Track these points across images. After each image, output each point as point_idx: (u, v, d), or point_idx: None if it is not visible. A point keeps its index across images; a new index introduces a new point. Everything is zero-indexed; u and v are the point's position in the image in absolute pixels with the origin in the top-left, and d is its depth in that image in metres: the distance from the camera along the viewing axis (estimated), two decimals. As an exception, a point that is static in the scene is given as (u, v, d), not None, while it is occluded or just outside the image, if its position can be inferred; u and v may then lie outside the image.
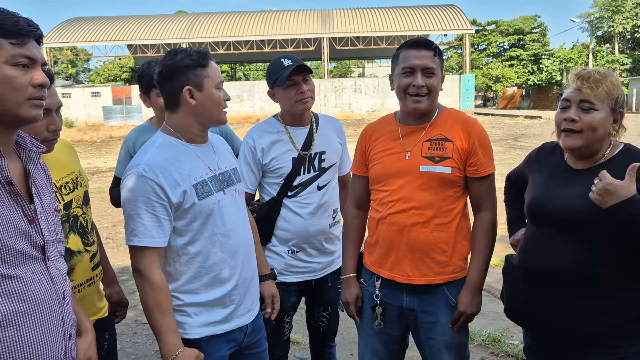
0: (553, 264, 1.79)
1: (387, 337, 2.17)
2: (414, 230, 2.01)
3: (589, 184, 1.72)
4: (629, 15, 39.65)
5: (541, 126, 24.25)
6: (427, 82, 1.98)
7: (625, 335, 1.73)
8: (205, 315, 1.81)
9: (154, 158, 1.74)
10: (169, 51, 1.80)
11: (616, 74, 1.79)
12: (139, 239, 1.69)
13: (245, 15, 36.82)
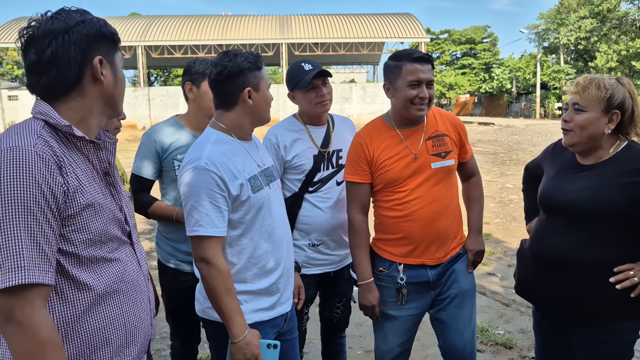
0: (557, 249, 2.00)
1: (412, 316, 2.39)
2: (438, 221, 2.28)
3: (593, 179, 1.94)
4: (573, 28, 41.69)
5: (495, 132, 25.16)
6: (429, 93, 2.22)
7: (618, 313, 1.94)
8: (255, 303, 1.91)
9: (213, 152, 1.83)
10: (226, 52, 1.90)
11: (612, 80, 1.99)
12: (205, 229, 1.78)
13: (202, 19, 36.44)
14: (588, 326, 2.00)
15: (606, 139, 1.98)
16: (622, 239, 1.94)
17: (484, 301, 4.60)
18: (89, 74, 1.31)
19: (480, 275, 5.16)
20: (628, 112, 1.96)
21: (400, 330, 2.39)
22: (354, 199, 2.36)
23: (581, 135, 1.97)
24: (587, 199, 1.93)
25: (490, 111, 46.36)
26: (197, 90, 2.49)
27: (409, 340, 2.47)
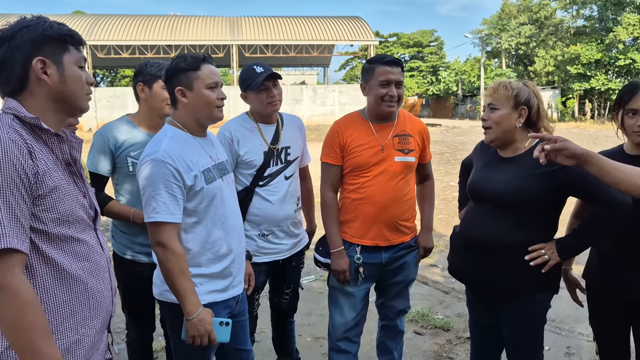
0: (484, 233, 2.28)
1: (365, 290, 2.73)
2: (392, 207, 2.60)
3: (513, 170, 2.24)
4: (513, 34, 43.54)
5: (441, 133, 25.99)
6: (398, 92, 2.55)
7: (535, 286, 2.24)
8: (209, 285, 2.09)
9: (169, 147, 2.01)
10: (177, 55, 2.08)
11: (517, 82, 2.31)
12: (162, 215, 1.94)
13: (150, 19, 35.76)
14: (511, 300, 2.28)
15: (519, 133, 2.27)
16: (539, 222, 2.23)
17: (426, 290, 4.91)
18: (33, 74, 1.44)
19: (423, 266, 5.46)
20: (534, 108, 2.27)
21: (355, 305, 2.72)
22: (327, 178, 2.71)
23: (498, 131, 2.26)
24: (507, 188, 2.21)
25: (437, 113, 47.71)
26: (149, 91, 2.63)
27: (362, 315, 2.78)
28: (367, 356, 3.47)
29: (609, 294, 2.34)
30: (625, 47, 35.24)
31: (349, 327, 2.74)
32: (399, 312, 2.91)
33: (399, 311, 2.90)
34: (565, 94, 37.25)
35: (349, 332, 2.75)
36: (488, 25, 46.67)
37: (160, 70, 2.61)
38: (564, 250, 2.20)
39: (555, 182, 2.15)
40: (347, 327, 2.74)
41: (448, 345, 3.78)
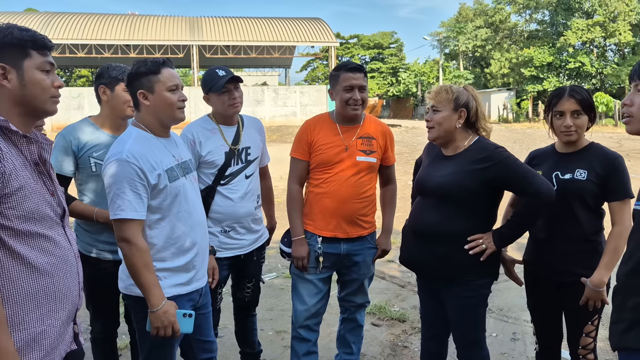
0: (430, 223, 2.49)
1: (324, 279, 2.92)
2: (350, 202, 2.79)
3: (453, 166, 2.46)
4: (470, 37, 44.77)
5: (401, 134, 26.47)
6: (362, 96, 2.75)
7: (475, 273, 2.46)
8: (173, 278, 2.20)
9: (133, 147, 2.11)
10: (134, 62, 2.20)
11: (457, 86, 2.53)
12: (126, 212, 2.05)
13: (107, 18, 34.98)
14: (454, 285, 2.49)
15: (459, 133, 2.49)
16: (478, 213, 2.46)
17: (384, 284, 5.12)
18: None
19: (381, 262, 5.65)
20: (473, 110, 2.49)
21: (315, 292, 2.90)
22: (294, 171, 2.92)
23: (439, 130, 2.48)
24: (448, 183, 2.43)
25: (397, 113, 48.50)
26: (111, 93, 2.72)
27: (322, 304, 2.95)
28: (327, 347, 3.63)
29: (541, 277, 2.58)
30: (575, 51, 36.77)
31: (310, 314, 2.91)
32: (358, 306, 3.08)
33: (358, 305, 3.08)
34: (520, 95, 38.54)
35: (309, 320, 2.92)
36: (446, 28, 47.83)
37: (122, 73, 2.70)
38: (500, 239, 2.42)
39: (488, 177, 2.38)
40: (308, 314, 2.90)
41: (403, 335, 3.98)
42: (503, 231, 2.45)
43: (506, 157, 2.40)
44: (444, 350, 2.79)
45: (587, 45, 37.98)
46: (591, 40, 36.92)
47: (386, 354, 3.69)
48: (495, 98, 38.38)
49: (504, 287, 4.90)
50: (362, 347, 3.57)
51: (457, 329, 2.57)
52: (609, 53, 39.92)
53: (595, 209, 2.49)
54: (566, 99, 2.47)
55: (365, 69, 2.85)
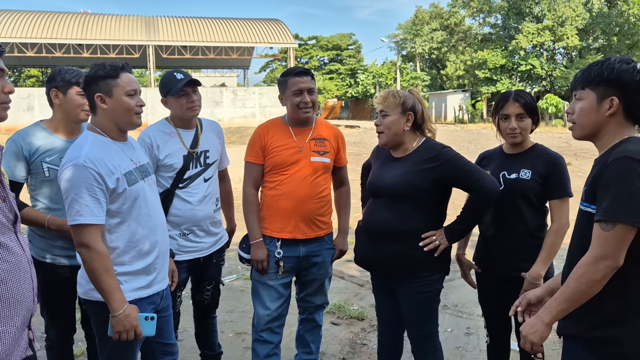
0: (380, 222, 2.59)
1: (285, 284, 2.94)
2: (309, 202, 2.85)
3: (403, 167, 2.56)
4: (426, 39, 45.65)
5: (360, 135, 26.76)
6: (311, 98, 2.81)
7: (428, 268, 2.57)
8: (134, 282, 2.20)
9: (90, 152, 2.10)
10: (95, 64, 2.18)
11: (403, 91, 2.64)
12: (85, 217, 2.04)
13: (57, 16, 33.87)
14: (408, 281, 2.59)
15: (407, 135, 2.60)
16: (428, 211, 2.56)
17: (343, 284, 5.20)
18: None
19: (340, 262, 5.74)
20: (419, 113, 2.61)
21: (276, 296, 2.93)
22: (249, 176, 2.94)
23: (389, 134, 2.58)
24: (400, 183, 2.53)
25: (356, 114, 48.97)
26: (64, 97, 2.68)
27: (284, 307, 2.98)
28: (286, 347, 3.67)
29: (490, 272, 2.72)
30: (526, 54, 38.01)
31: (272, 318, 2.93)
32: (317, 307, 3.13)
33: (317, 306, 3.13)
34: (474, 96, 39.55)
35: (271, 323, 2.94)
36: (403, 30, 48.58)
37: (76, 76, 2.67)
38: (451, 235, 2.53)
39: (437, 175, 2.50)
40: (270, 319, 2.93)
41: (362, 333, 4.07)
42: (453, 227, 2.57)
43: (453, 155, 2.52)
44: (400, 345, 2.89)
45: (538, 48, 39.34)
46: (541, 43, 38.25)
47: (345, 351, 3.76)
48: (451, 99, 39.26)
49: (458, 283, 5.07)
50: (322, 346, 3.64)
51: (412, 324, 2.66)
52: (557, 56, 41.46)
53: (538, 207, 2.65)
54: (511, 103, 2.62)
55: (312, 73, 2.91)
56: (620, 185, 1.64)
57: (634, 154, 1.66)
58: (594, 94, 1.79)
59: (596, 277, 1.66)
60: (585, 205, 1.80)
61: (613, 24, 36.60)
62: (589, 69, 1.82)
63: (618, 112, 1.77)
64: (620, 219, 1.62)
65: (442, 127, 32.56)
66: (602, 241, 1.66)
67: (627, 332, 1.72)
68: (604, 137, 1.81)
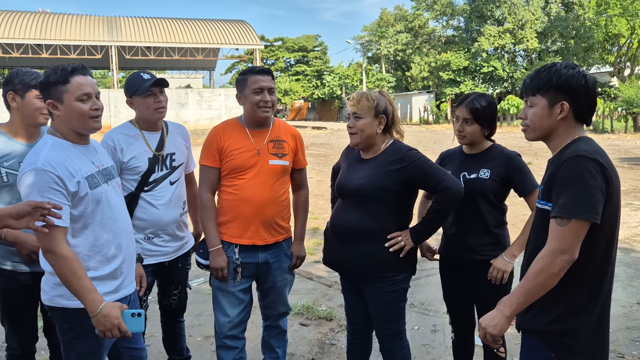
0: (347, 223, 2.62)
1: (245, 290, 2.89)
2: (267, 207, 2.80)
3: (371, 168, 2.60)
4: (391, 41, 46.15)
5: (327, 136, 26.85)
6: (271, 98, 2.76)
7: (394, 268, 2.61)
8: (101, 287, 2.15)
9: (49, 155, 2.06)
10: (46, 69, 2.15)
11: (375, 93, 2.64)
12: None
13: (14, 15, 32.85)
14: (375, 281, 2.62)
15: (378, 137, 2.62)
16: (394, 212, 2.60)
17: (311, 285, 5.22)
18: None
19: (308, 263, 5.78)
20: (390, 115, 2.64)
21: (236, 303, 2.87)
22: (205, 180, 2.84)
23: (362, 136, 2.60)
24: (367, 184, 2.57)
25: (323, 116, 49.08)
26: (21, 100, 2.61)
27: (245, 312, 2.93)
28: (255, 349, 3.67)
29: (452, 267, 2.83)
30: (488, 56, 38.88)
31: (233, 324, 2.88)
32: (280, 314, 3.08)
33: (280, 314, 3.07)
34: (439, 97, 40.19)
35: (233, 330, 2.90)
36: (368, 32, 48.98)
37: (34, 79, 2.60)
38: (416, 236, 2.59)
39: (403, 177, 2.55)
40: (232, 325, 2.88)
41: (331, 333, 4.10)
42: (418, 228, 2.62)
43: (419, 157, 2.57)
44: (368, 344, 2.93)
45: (499, 50, 40.27)
46: (502, 46, 39.16)
47: (314, 352, 3.78)
48: (416, 100, 39.79)
49: (425, 282, 5.16)
50: (291, 347, 3.65)
51: (380, 323, 2.70)
52: (518, 58, 42.54)
53: (497, 205, 2.74)
54: (462, 107, 2.73)
55: (273, 73, 2.85)
56: (574, 183, 1.72)
57: (586, 152, 1.75)
58: (544, 100, 1.87)
59: (553, 271, 1.74)
60: (542, 203, 1.87)
61: (570, 28, 37.79)
62: (537, 75, 1.89)
63: (568, 115, 1.85)
64: (575, 214, 1.70)
65: (407, 127, 33.03)
66: (559, 236, 1.73)
67: (582, 323, 1.80)
68: (556, 139, 1.90)
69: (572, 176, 1.73)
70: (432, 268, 5.66)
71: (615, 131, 25.68)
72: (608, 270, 1.85)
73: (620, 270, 5.39)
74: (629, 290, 4.88)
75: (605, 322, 1.88)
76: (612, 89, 35.22)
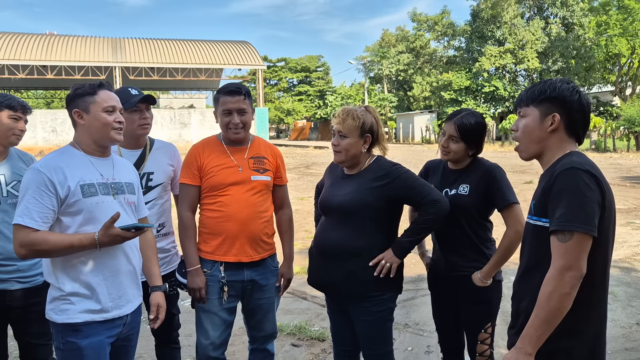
0: (331, 241, 2.58)
1: (230, 309, 2.82)
2: (252, 223, 2.75)
3: (354, 185, 2.57)
4: (393, 61, 46.52)
5: (329, 155, 26.90)
6: (242, 119, 2.73)
7: (380, 287, 2.55)
8: (84, 303, 2.14)
9: (50, 159, 2.16)
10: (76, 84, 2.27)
11: (361, 110, 2.60)
12: (22, 219, 2.04)
13: (22, 37, 33.31)
14: (360, 301, 2.56)
15: (363, 155, 2.60)
16: (379, 228, 2.55)
17: (305, 304, 5.15)
18: None
19: (303, 282, 5.71)
20: (376, 133, 2.61)
21: (219, 324, 2.79)
22: (185, 198, 2.80)
23: (347, 155, 2.57)
24: (350, 201, 2.53)
25: (325, 136, 49.24)
26: None
27: (227, 332, 2.85)
28: (245, 371, 3.60)
29: (439, 282, 2.78)
30: (489, 76, 39.11)
31: (215, 346, 2.80)
32: (267, 336, 2.97)
33: (267, 335, 2.97)
34: (441, 117, 40.33)
35: (215, 352, 2.81)
36: (370, 53, 49.41)
37: (8, 99, 2.67)
38: (401, 251, 2.53)
39: (388, 193, 2.51)
40: (213, 347, 2.80)
41: (323, 354, 4.02)
42: (403, 242, 2.55)
43: (403, 172, 2.54)
44: (356, 367, 2.85)
45: (500, 70, 40.53)
46: (503, 66, 39.45)
47: (305, 374, 3.71)
48: (418, 120, 39.94)
49: (420, 302, 5.09)
50: (281, 369, 3.58)
51: (367, 344, 2.63)
52: (519, 78, 42.79)
53: (480, 221, 2.66)
54: (451, 122, 2.67)
55: (247, 91, 2.78)
56: (571, 196, 1.68)
57: (580, 164, 1.71)
58: (537, 111, 1.85)
59: (565, 290, 1.66)
60: (534, 219, 1.83)
61: (571, 48, 38.06)
62: (532, 88, 1.89)
63: (560, 128, 1.83)
64: (576, 228, 1.65)
65: (409, 147, 33.12)
66: (563, 252, 1.67)
67: (577, 343, 1.75)
68: (548, 153, 1.87)
69: (567, 188, 1.69)
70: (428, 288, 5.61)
71: (617, 150, 25.66)
72: (604, 287, 1.80)
73: (620, 290, 5.31)
74: (629, 311, 4.79)
75: (601, 342, 1.82)
76: (614, 108, 35.28)
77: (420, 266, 6.71)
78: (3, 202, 2.64)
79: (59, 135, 30.95)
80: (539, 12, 42.41)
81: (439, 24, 45.05)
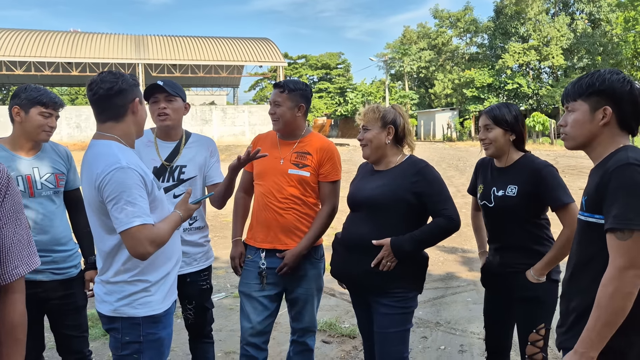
0: (358, 235, 2.56)
1: (271, 297, 2.90)
2: (286, 214, 2.83)
3: (384, 179, 2.57)
4: (414, 58, 46.18)
5: (349, 152, 26.78)
6: (276, 110, 2.86)
7: (403, 284, 2.53)
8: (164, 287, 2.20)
9: (124, 156, 2.03)
10: (109, 72, 2.14)
11: (385, 106, 2.67)
12: (143, 218, 1.96)
13: (47, 35, 33.85)
14: (383, 296, 2.54)
15: (390, 149, 2.60)
16: (406, 225, 2.51)
17: (334, 301, 5.12)
18: None
19: (329, 279, 5.68)
20: (400, 126, 2.61)
21: (260, 309, 2.87)
22: (241, 182, 3.09)
23: (371, 147, 2.60)
24: (379, 194, 2.53)
25: (345, 133, 49.13)
26: (25, 115, 2.60)
27: (269, 322, 2.90)
28: (277, 367, 3.59)
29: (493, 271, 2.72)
30: (513, 73, 38.59)
31: (256, 331, 2.85)
32: (304, 330, 3.00)
33: (304, 328, 2.99)
34: (462, 115, 39.94)
35: (255, 338, 2.85)
36: (391, 50, 49.11)
37: (41, 95, 2.60)
38: (401, 255, 2.48)
39: (415, 190, 2.50)
40: (253, 332, 2.85)
41: (354, 351, 3.99)
42: (404, 247, 2.47)
43: (435, 176, 2.55)
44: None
45: (524, 67, 39.94)
46: (527, 62, 38.86)
47: (337, 371, 3.67)
48: (440, 117, 39.59)
49: (451, 300, 5.02)
50: (313, 366, 3.55)
51: (384, 342, 2.56)
52: (543, 75, 42.14)
53: (532, 221, 2.57)
54: (483, 114, 2.68)
55: (288, 87, 2.88)
56: (628, 192, 1.62)
57: (637, 160, 1.65)
58: (586, 105, 1.78)
59: (627, 289, 1.61)
60: (586, 215, 1.76)
61: (597, 44, 37.32)
62: (579, 81, 1.82)
63: (612, 121, 1.76)
64: (636, 226, 1.59)
65: (430, 145, 32.87)
66: (623, 251, 1.61)
67: (631, 342, 1.68)
68: (598, 147, 1.80)
69: (624, 185, 1.62)
70: (458, 286, 5.53)
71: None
72: None
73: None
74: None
75: None
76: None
77: (448, 264, 6.66)
78: (37, 194, 2.64)
79: (83, 131, 31.36)
80: (565, 8, 41.69)
81: (461, 21, 44.55)
